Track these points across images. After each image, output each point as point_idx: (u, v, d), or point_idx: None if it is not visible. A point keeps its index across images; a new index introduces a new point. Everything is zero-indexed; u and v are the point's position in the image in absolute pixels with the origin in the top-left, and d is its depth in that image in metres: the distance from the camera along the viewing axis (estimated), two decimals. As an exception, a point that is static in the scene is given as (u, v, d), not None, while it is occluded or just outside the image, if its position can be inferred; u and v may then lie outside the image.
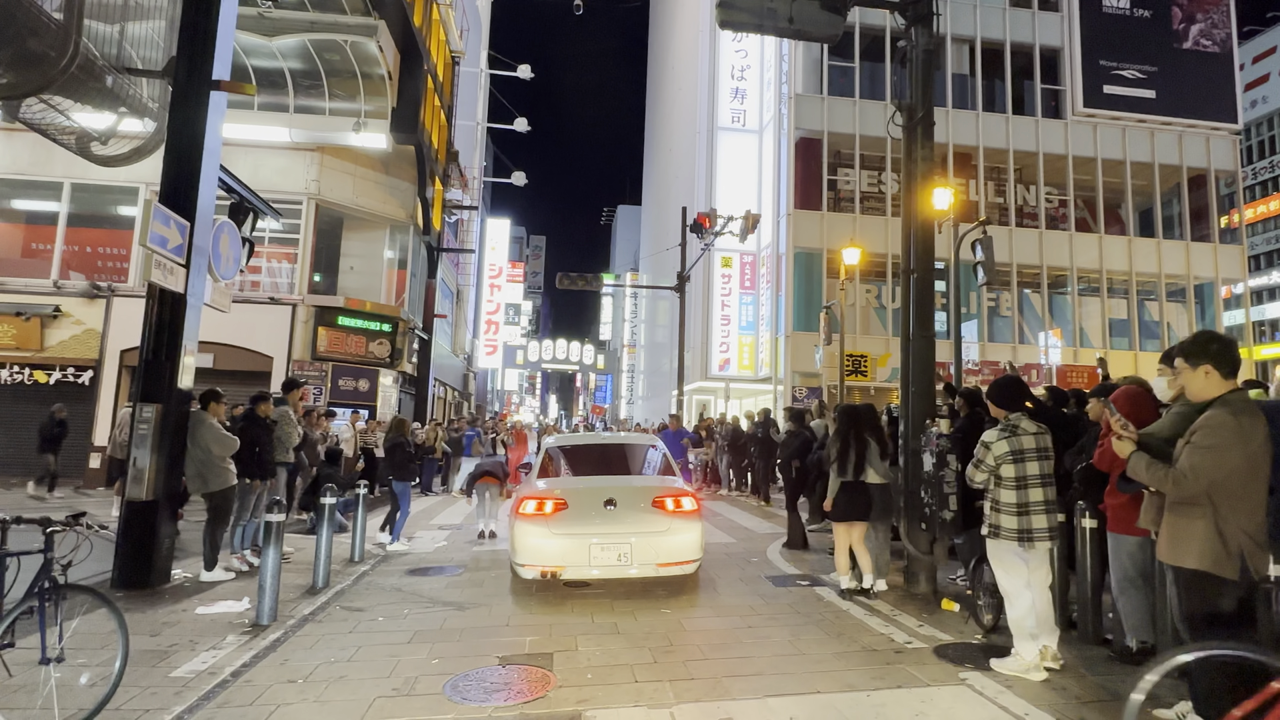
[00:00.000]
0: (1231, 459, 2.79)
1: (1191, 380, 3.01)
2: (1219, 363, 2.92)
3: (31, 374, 13.90)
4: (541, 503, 5.73)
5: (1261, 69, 51.41)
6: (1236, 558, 2.80)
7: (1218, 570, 2.83)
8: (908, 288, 6.44)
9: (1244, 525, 2.81)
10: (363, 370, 15.77)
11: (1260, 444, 2.82)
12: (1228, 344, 2.97)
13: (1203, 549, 2.87)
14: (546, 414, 72.70)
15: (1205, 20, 23.94)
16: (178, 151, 6.52)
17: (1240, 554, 2.79)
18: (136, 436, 6.13)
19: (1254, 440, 2.81)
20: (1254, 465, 2.82)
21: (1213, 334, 3.04)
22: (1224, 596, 2.83)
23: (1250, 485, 2.83)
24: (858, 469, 5.80)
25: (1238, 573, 2.79)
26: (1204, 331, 3.11)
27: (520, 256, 65.55)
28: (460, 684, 3.93)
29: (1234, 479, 2.82)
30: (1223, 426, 2.79)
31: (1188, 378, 3.02)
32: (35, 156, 13.87)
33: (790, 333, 21.16)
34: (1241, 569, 2.79)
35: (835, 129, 21.97)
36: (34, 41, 5.51)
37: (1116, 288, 23.20)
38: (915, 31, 6.52)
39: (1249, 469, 2.82)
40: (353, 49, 14.15)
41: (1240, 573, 2.79)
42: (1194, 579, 2.89)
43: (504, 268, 37.21)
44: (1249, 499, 2.83)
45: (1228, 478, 2.82)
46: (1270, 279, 51.33)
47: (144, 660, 4.17)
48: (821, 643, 4.65)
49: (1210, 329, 3.23)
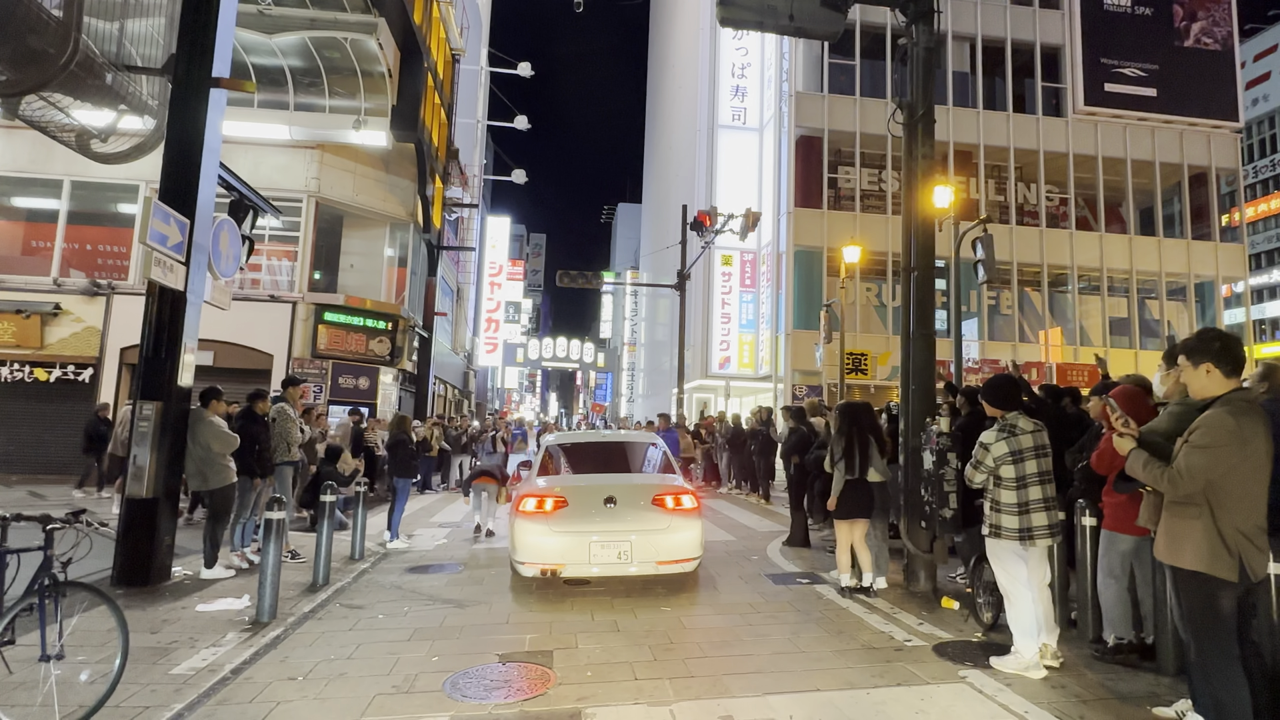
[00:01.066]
0: (1228, 460, 2.77)
1: (1193, 378, 2.97)
2: (1221, 361, 2.88)
3: (32, 372, 13.90)
4: (541, 500, 5.74)
5: (1263, 67, 51.33)
6: (1234, 558, 2.77)
7: (1214, 571, 2.81)
8: (908, 286, 6.44)
9: (1241, 526, 2.79)
10: (363, 368, 15.78)
11: (1261, 445, 2.79)
12: (1231, 342, 2.92)
13: (1199, 549, 2.85)
14: (546, 412, 72.71)
15: (1206, 18, 23.89)
16: (178, 149, 6.51)
17: (1238, 555, 2.77)
18: (136, 434, 6.12)
19: (1253, 441, 2.77)
20: (1253, 466, 2.80)
21: (1217, 331, 3.00)
22: (1222, 597, 2.81)
23: (1248, 486, 2.80)
24: (862, 466, 5.80)
25: (1236, 574, 2.77)
26: (1208, 329, 3.06)
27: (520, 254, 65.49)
28: (460, 681, 3.93)
29: (1231, 479, 2.79)
30: (1221, 427, 2.76)
31: (1189, 375, 2.98)
32: (35, 154, 13.86)
33: (790, 331, 21.15)
34: (1240, 570, 2.77)
35: (836, 127, 21.93)
36: (34, 39, 5.51)
37: (1117, 286, 23.18)
38: (916, 29, 6.51)
39: (1247, 470, 2.79)
40: (353, 46, 14.13)
41: (1239, 574, 2.77)
42: (1191, 579, 2.88)
43: (504, 265, 37.16)
44: (1247, 500, 2.80)
45: (1225, 478, 2.79)
46: (1271, 277, 51.27)
47: (144, 657, 4.17)
48: (821, 640, 4.66)
49: (1212, 326, 3.16)
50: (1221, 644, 2.82)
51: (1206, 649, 2.87)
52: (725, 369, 24.88)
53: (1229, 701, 2.79)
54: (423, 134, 16.14)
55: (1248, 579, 2.79)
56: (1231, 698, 2.79)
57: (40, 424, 13.77)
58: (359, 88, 14.93)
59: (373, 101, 15.04)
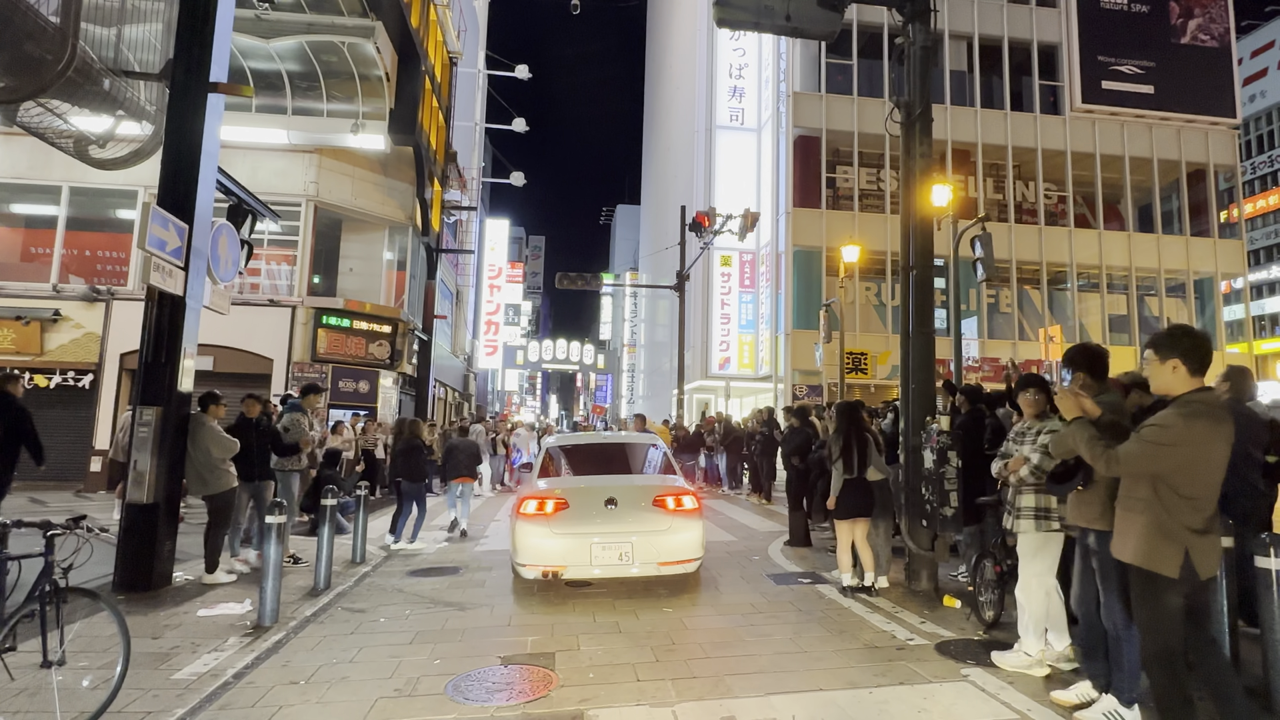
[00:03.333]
0: (1170, 459, 2.73)
1: (1158, 374, 2.91)
2: (1188, 358, 2.82)
3: (31, 378, 13.87)
4: (542, 502, 5.73)
5: (1260, 63, 51.37)
6: (1178, 556, 2.73)
7: (1151, 565, 2.78)
8: (907, 285, 6.44)
9: (1190, 524, 2.74)
10: (363, 372, 15.77)
11: (1215, 447, 2.73)
12: (1200, 340, 2.86)
13: (1139, 544, 2.84)
14: (547, 414, 72.66)
15: (1203, 15, 23.91)
16: (176, 154, 6.51)
17: (1185, 552, 2.73)
18: (137, 439, 6.12)
19: (1207, 444, 2.72)
20: (1205, 467, 2.74)
21: (1187, 328, 2.94)
22: (1166, 594, 2.76)
23: (1197, 487, 2.75)
24: (860, 465, 5.80)
25: (1177, 570, 2.72)
26: (1178, 325, 3.00)
27: (519, 257, 65.49)
28: (462, 684, 3.93)
29: (1179, 478, 2.75)
30: (1171, 428, 2.72)
31: (1154, 370, 2.92)
32: (34, 160, 13.85)
33: (790, 331, 21.15)
34: (1183, 567, 2.72)
35: (834, 127, 21.95)
36: (31, 45, 5.51)
37: (1116, 283, 23.19)
38: (913, 28, 6.51)
39: (1197, 470, 2.74)
40: (350, 50, 14.13)
41: (1180, 570, 2.72)
42: (1138, 575, 2.86)
43: (503, 268, 37.18)
44: (1196, 499, 2.75)
45: (1172, 476, 2.75)
46: (1270, 274, 51.27)
47: (146, 662, 4.17)
48: (823, 640, 4.65)
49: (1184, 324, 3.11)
50: (1163, 641, 2.78)
51: (1147, 645, 2.85)
52: (725, 369, 24.89)
53: (1167, 700, 2.77)
54: (421, 137, 16.14)
55: (1194, 577, 2.74)
56: (1170, 696, 2.76)
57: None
58: (357, 91, 14.93)
59: (370, 105, 15.04)
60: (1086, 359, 3.69)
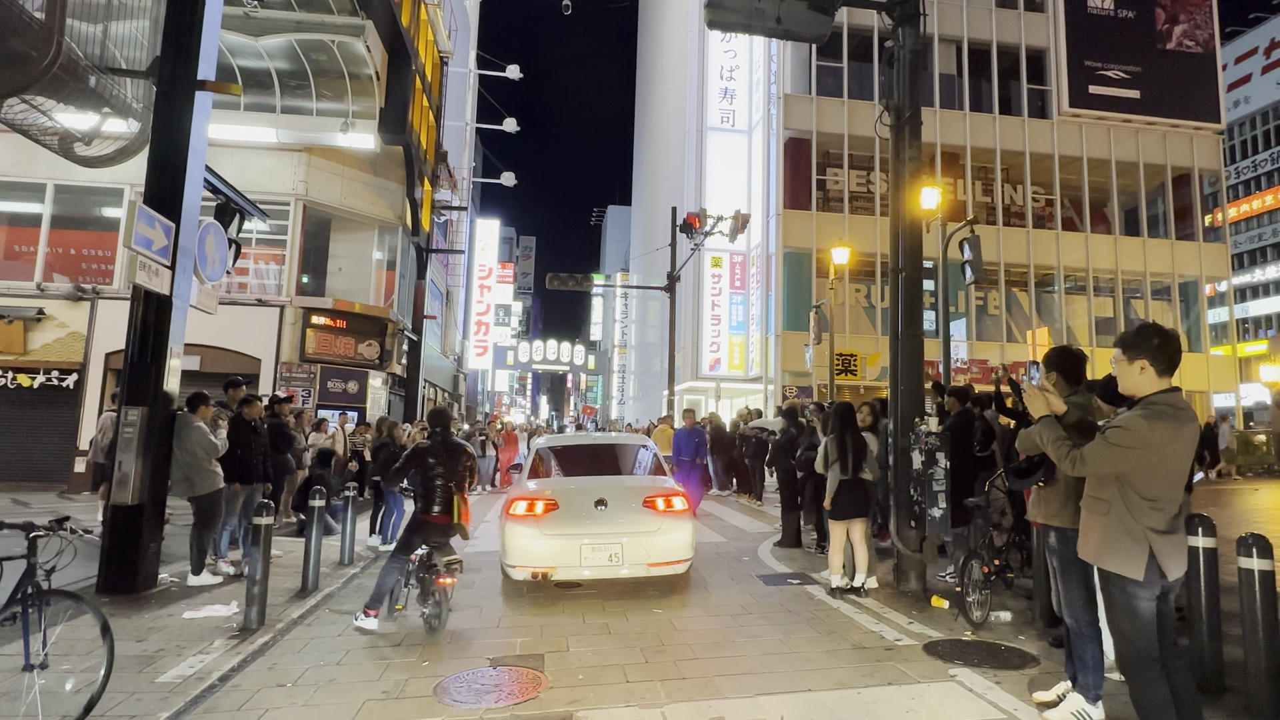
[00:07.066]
0: (1132, 460, 2.72)
1: (1126, 374, 2.88)
2: (1156, 359, 2.79)
3: (15, 377, 13.72)
4: (532, 503, 5.72)
5: (1244, 69, 52.04)
6: (1141, 556, 2.72)
7: (1109, 565, 2.79)
8: (896, 287, 6.47)
9: (1152, 524, 2.74)
10: (352, 372, 15.68)
11: (1178, 448, 2.73)
12: (1169, 340, 2.82)
13: (1099, 544, 2.84)
14: (538, 415, 72.49)
15: (1188, 21, 24.19)
16: (162, 152, 6.46)
17: (1149, 554, 2.72)
18: (122, 440, 6.06)
19: (1170, 445, 2.71)
20: (1168, 468, 2.74)
21: (1157, 328, 2.90)
22: (1135, 596, 2.75)
23: (1160, 488, 2.75)
24: (855, 466, 5.83)
25: (1142, 572, 2.71)
26: (1147, 324, 2.97)
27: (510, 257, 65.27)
28: (451, 686, 3.92)
29: (1142, 480, 2.75)
30: (1135, 430, 2.70)
31: (1122, 370, 2.89)
32: (18, 157, 13.69)
33: (780, 332, 21.22)
34: (1150, 569, 2.71)
35: (824, 129, 22.04)
36: (15, 41, 5.44)
37: (1103, 286, 23.41)
38: (902, 32, 6.55)
39: (1161, 472, 2.74)
40: (340, 49, 14.05)
41: (1144, 572, 2.71)
42: (1103, 578, 2.86)
43: (494, 268, 37.04)
44: (1158, 500, 2.74)
45: (1135, 477, 2.75)
46: (1253, 277, 51.94)
47: (130, 665, 4.12)
48: (812, 641, 4.67)
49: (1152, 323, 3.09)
50: (1137, 644, 2.77)
51: (1121, 648, 2.84)
52: (716, 370, 24.93)
53: (1145, 702, 2.77)
54: (411, 137, 16.08)
55: (1160, 578, 2.73)
56: (1148, 699, 2.76)
57: (24, 430, 13.59)
58: (346, 90, 14.85)
59: (360, 104, 14.97)
60: (1063, 361, 3.73)
